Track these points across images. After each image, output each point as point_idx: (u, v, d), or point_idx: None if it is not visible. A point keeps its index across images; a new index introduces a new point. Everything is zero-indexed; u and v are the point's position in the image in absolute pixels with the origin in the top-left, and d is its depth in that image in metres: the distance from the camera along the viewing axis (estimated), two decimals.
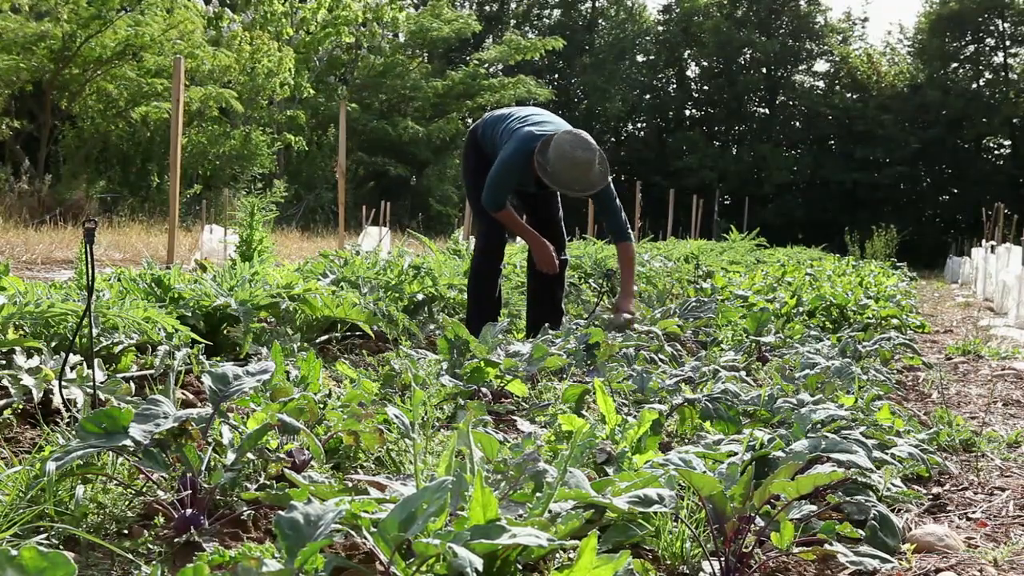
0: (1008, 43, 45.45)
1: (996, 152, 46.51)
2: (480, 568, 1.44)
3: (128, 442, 1.98)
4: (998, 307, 10.87)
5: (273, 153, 27.69)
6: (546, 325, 4.86)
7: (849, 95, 46.16)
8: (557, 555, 1.91)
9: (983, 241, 16.42)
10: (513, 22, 47.88)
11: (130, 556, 1.84)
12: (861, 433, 2.81)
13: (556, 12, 50.02)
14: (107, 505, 2.05)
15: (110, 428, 2.00)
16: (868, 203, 41.37)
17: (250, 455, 2.25)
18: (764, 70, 47.75)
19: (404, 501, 1.58)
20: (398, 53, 37.16)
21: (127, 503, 2.09)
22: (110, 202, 22.08)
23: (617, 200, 5.24)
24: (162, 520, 1.99)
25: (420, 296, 5.62)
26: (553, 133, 5.00)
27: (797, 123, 47.95)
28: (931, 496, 2.69)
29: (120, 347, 3.43)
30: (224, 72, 24.70)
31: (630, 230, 5.30)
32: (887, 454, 2.66)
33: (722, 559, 1.88)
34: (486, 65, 39.00)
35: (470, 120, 36.73)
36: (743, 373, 4.01)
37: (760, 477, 2.14)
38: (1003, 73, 45.40)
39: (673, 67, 49.07)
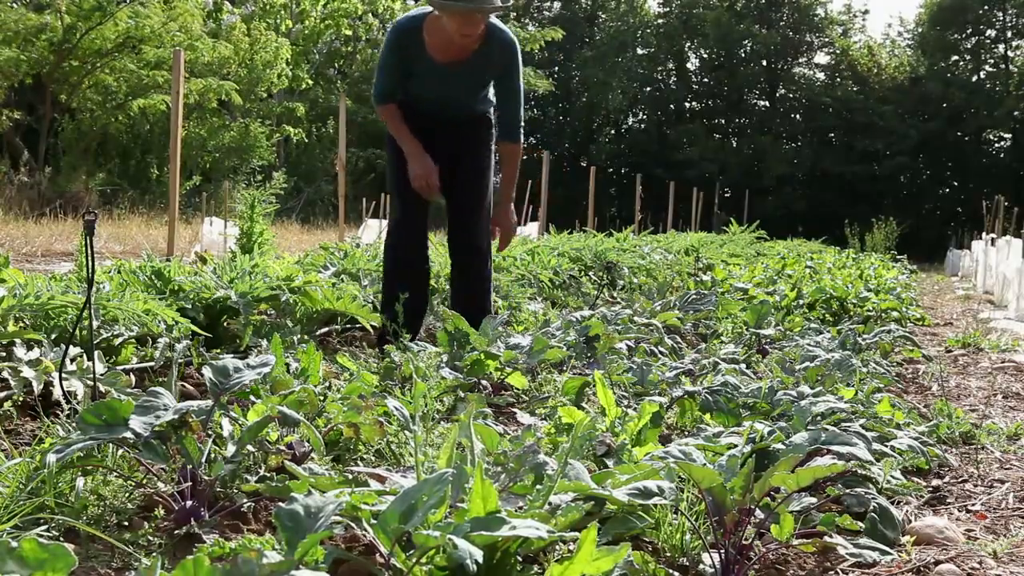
0: (1009, 35, 45.41)
1: (996, 145, 46.50)
2: (480, 560, 1.44)
3: (128, 434, 1.98)
4: (998, 300, 10.87)
5: (272, 145, 27.68)
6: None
7: (850, 87, 46.14)
8: (557, 547, 1.91)
9: (983, 234, 16.41)
10: (513, 14, 47.80)
11: (130, 548, 1.84)
12: (861, 425, 2.81)
13: (556, 5, 49.96)
14: (107, 497, 2.05)
15: (110, 420, 2.00)
16: (868, 195, 41.35)
17: (250, 447, 2.25)
18: (764, 62, 47.71)
19: (404, 493, 1.58)
20: None
21: (127, 495, 2.09)
22: (110, 194, 22.07)
23: (522, 91, 4.46)
24: (162, 512, 1.99)
25: None
26: None
27: (797, 115, 47.93)
28: (931, 488, 2.69)
29: (120, 339, 3.43)
30: (223, 64, 24.68)
31: (522, 130, 4.51)
32: (887, 446, 2.66)
33: (722, 551, 1.88)
34: None
35: None
36: (743, 366, 4.02)
37: (760, 469, 2.14)
38: (1004, 65, 45.36)
39: (673, 59, 49.04)
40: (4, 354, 2.95)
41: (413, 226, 4.51)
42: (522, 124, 4.49)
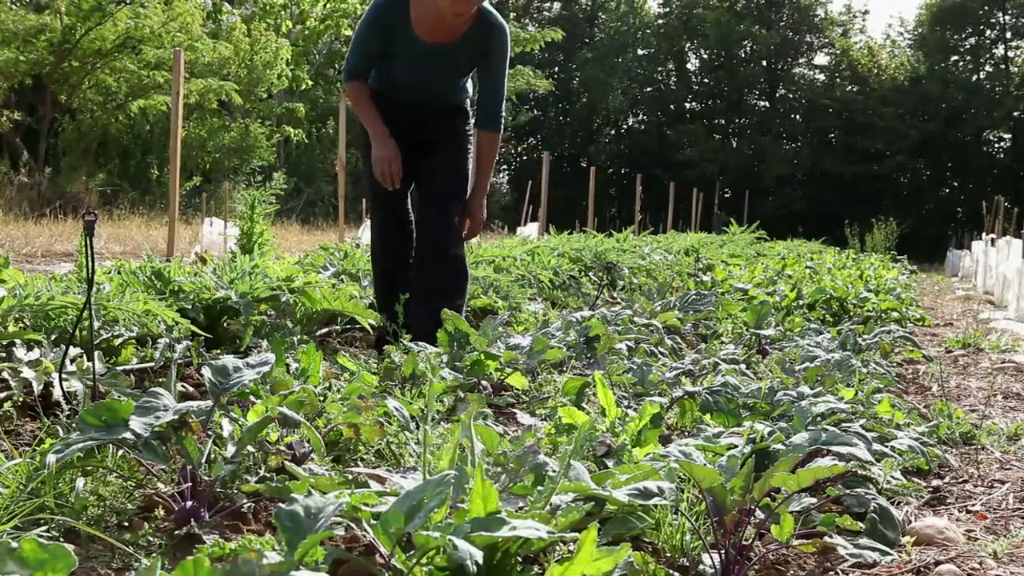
0: (1009, 36, 45.46)
1: (996, 145, 46.54)
2: (480, 560, 1.44)
3: (128, 435, 1.98)
4: (998, 300, 10.87)
5: (272, 146, 27.68)
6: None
7: (849, 88, 46.17)
8: (557, 547, 1.91)
9: (983, 234, 16.42)
10: (513, 15, 47.83)
11: (130, 548, 1.84)
12: (861, 426, 2.81)
13: (556, 5, 49.99)
14: (107, 497, 2.05)
15: (110, 421, 2.00)
16: (868, 196, 41.37)
17: (250, 448, 2.25)
18: (764, 63, 47.75)
19: (407, 495, 1.58)
20: None
21: (127, 496, 2.09)
22: (110, 195, 22.07)
23: (506, 79, 4.27)
24: (162, 512, 1.99)
25: None
26: None
27: (797, 116, 47.96)
28: (931, 489, 2.69)
29: (120, 340, 3.43)
30: (223, 65, 24.68)
31: (503, 119, 4.32)
32: (887, 447, 2.66)
33: (722, 551, 1.88)
34: None
35: None
36: (743, 366, 4.01)
37: (760, 470, 2.14)
38: (1003, 66, 45.40)
39: (673, 60, 49.08)
40: (4, 355, 2.95)
41: (398, 230, 4.33)
42: (503, 113, 4.28)
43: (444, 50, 4.07)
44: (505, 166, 47.34)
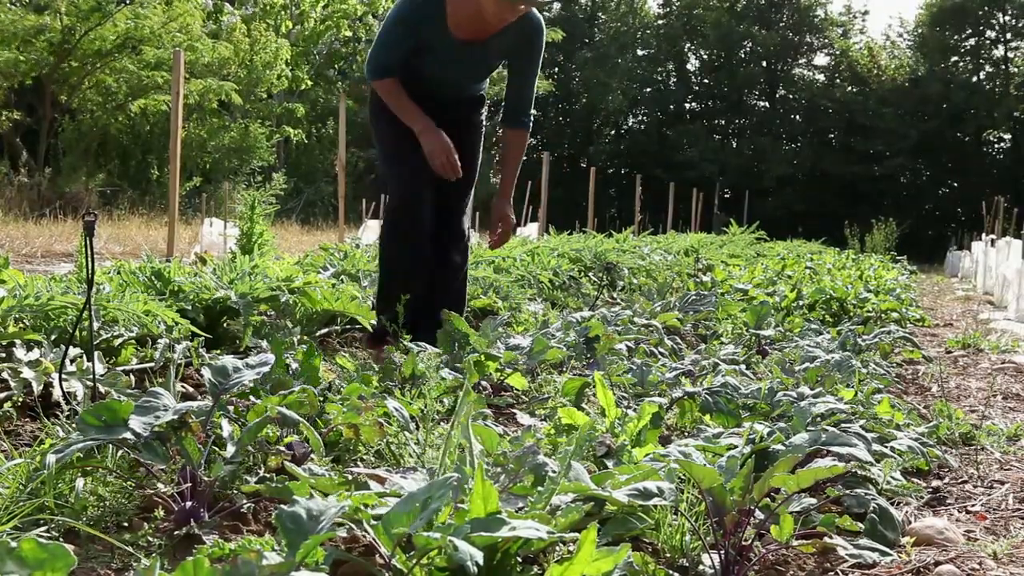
0: (1008, 36, 45.48)
1: (996, 146, 46.58)
2: (480, 561, 1.44)
3: (128, 435, 1.98)
4: (998, 301, 10.87)
5: (272, 146, 27.70)
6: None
7: (849, 88, 46.22)
8: (557, 548, 1.91)
9: (983, 235, 16.43)
10: None
11: (130, 549, 1.84)
12: (861, 426, 2.81)
13: (556, 5, 50.03)
14: (107, 498, 2.05)
15: (110, 421, 2.00)
16: (868, 196, 41.40)
17: (250, 448, 2.25)
18: (764, 63, 47.79)
19: (410, 496, 1.58)
20: None
21: (127, 496, 2.09)
22: (110, 195, 22.09)
23: (537, 76, 4.18)
24: (162, 513, 1.99)
25: None
26: None
27: (797, 116, 48.00)
28: (931, 489, 2.69)
29: (120, 340, 3.43)
30: (223, 65, 24.71)
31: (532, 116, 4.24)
32: (887, 447, 2.66)
33: (722, 552, 1.88)
34: None
35: None
36: (743, 366, 4.01)
37: (760, 470, 2.14)
38: (1003, 66, 45.43)
39: (673, 60, 49.13)
40: (4, 355, 2.95)
41: (421, 205, 4.04)
42: (532, 112, 4.19)
43: (477, 47, 3.95)
44: None
